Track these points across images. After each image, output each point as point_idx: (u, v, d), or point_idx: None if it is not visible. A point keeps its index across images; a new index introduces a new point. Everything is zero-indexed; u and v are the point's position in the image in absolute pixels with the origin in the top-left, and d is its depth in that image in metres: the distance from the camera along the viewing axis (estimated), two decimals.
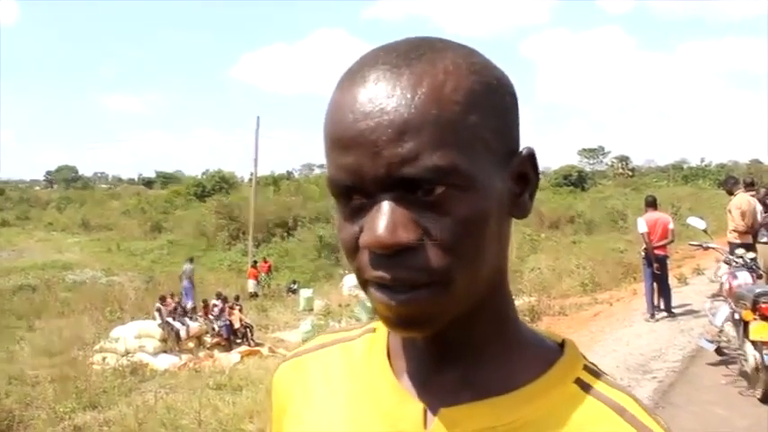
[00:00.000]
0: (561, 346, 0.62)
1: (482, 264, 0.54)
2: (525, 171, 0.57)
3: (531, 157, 0.57)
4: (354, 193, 0.53)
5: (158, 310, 12.68)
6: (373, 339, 0.66)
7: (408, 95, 0.50)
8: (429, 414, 0.58)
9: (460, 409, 0.57)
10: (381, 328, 0.66)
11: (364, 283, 0.54)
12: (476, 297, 0.56)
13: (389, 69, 0.51)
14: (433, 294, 0.52)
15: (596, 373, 0.60)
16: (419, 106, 0.50)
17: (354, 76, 0.53)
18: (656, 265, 8.44)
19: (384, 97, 0.50)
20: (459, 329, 0.57)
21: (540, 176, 0.59)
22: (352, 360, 0.66)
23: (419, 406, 0.58)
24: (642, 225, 8.54)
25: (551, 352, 0.61)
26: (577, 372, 0.59)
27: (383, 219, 0.50)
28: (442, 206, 0.51)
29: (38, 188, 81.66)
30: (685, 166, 61.19)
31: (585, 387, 0.58)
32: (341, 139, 0.52)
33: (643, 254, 8.69)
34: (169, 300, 13.36)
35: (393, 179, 0.50)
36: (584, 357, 0.61)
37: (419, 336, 0.57)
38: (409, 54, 0.52)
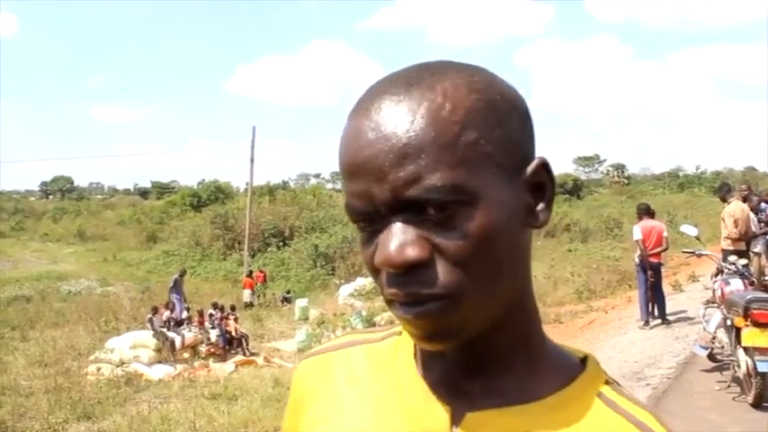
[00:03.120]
0: (584, 361, 0.63)
1: (496, 276, 0.55)
2: (540, 181, 0.58)
3: (544, 166, 0.58)
4: (370, 217, 0.55)
5: (150, 320, 12.64)
6: (399, 342, 0.67)
7: (407, 121, 0.53)
8: (456, 417, 0.59)
9: (486, 414, 0.59)
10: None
11: (388, 302, 0.56)
12: (496, 308, 0.57)
13: (390, 98, 0.54)
14: (444, 308, 0.54)
15: (618, 389, 0.61)
16: (418, 130, 0.52)
17: (360, 107, 0.56)
18: (650, 273, 8.48)
19: (386, 125, 0.53)
20: (485, 341, 0.59)
21: (556, 184, 0.60)
22: (378, 361, 0.67)
23: (446, 408, 0.60)
24: (637, 232, 8.60)
25: (574, 366, 0.62)
26: (599, 386, 0.61)
27: (393, 239, 0.53)
28: (450, 223, 0.53)
29: (33, 199, 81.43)
30: (681, 174, 61.46)
31: (607, 401, 0.59)
32: (350, 167, 0.55)
33: (638, 261, 8.73)
34: (162, 309, 13.33)
35: (399, 201, 0.52)
36: (605, 372, 0.63)
37: (444, 348, 0.59)
38: (410, 81, 0.55)
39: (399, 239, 0.53)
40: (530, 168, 0.57)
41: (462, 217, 0.52)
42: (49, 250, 40.87)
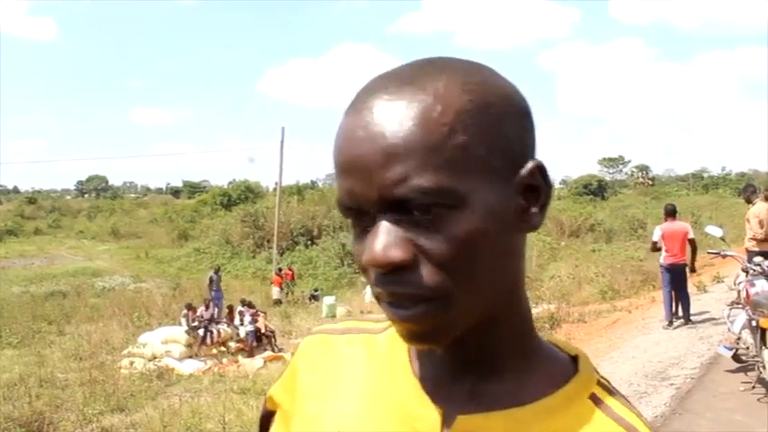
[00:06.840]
0: (575, 359, 0.63)
1: (482, 279, 0.55)
2: (534, 183, 0.56)
3: (539, 169, 0.57)
4: (359, 214, 0.55)
5: (185, 316, 12.92)
6: (396, 337, 0.65)
7: (397, 121, 0.52)
8: (446, 420, 0.59)
9: (477, 417, 0.58)
10: None
11: (376, 298, 0.57)
12: (483, 311, 0.57)
13: (381, 97, 0.54)
14: (432, 310, 0.54)
15: (609, 390, 0.62)
16: (406, 131, 0.52)
17: (354, 105, 0.56)
18: (670, 274, 8.52)
19: (376, 125, 0.53)
20: (475, 341, 0.59)
21: (553, 188, 0.58)
22: (375, 354, 0.67)
23: (437, 411, 0.59)
24: (657, 233, 8.62)
25: (566, 366, 0.62)
26: (592, 387, 0.61)
27: (378, 239, 0.53)
28: (435, 226, 0.52)
29: (69, 197, 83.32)
30: (705, 175, 60.72)
31: (599, 404, 0.60)
32: (341, 165, 0.55)
33: (662, 261, 8.70)
34: (195, 307, 13.58)
35: (386, 201, 0.52)
36: (597, 371, 0.63)
37: (431, 348, 0.59)
38: (403, 81, 0.54)
39: (384, 240, 0.53)
40: (524, 170, 0.56)
41: (448, 220, 0.52)
42: (84, 247, 41.80)
